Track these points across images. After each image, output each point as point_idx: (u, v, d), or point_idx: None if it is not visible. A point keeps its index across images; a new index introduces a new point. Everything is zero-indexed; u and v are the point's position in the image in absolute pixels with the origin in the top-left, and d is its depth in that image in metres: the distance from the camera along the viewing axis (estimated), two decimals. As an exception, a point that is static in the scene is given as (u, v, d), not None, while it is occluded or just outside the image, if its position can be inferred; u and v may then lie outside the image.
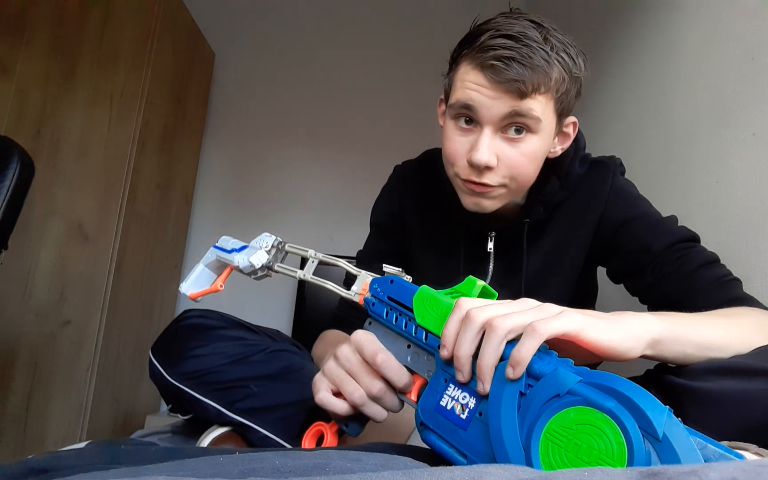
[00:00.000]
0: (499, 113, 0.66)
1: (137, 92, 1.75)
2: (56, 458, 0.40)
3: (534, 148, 0.69)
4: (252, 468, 0.35)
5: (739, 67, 0.94)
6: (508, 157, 0.68)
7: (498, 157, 0.68)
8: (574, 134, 0.77)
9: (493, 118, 0.66)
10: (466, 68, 0.68)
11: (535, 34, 0.65)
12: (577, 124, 0.76)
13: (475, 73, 0.66)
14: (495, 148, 0.67)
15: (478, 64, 0.65)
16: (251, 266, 0.66)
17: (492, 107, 0.66)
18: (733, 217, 0.91)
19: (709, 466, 0.27)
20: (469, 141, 0.69)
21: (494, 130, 0.67)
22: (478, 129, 0.68)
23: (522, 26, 0.65)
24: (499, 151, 0.68)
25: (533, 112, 0.65)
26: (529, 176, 0.72)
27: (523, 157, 0.69)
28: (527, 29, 0.65)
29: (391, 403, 0.52)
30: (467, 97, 0.67)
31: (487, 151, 0.67)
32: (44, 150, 1.67)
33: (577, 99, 0.72)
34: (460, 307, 0.45)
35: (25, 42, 1.73)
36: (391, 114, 2.41)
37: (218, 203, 2.35)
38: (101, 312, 1.63)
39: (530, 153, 0.69)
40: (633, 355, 0.46)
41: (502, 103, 0.65)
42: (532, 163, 0.70)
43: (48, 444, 1.55)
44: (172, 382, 0.71)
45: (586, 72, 0.70)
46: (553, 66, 0.65)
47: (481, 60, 0.65)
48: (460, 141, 0.70)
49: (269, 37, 2.46)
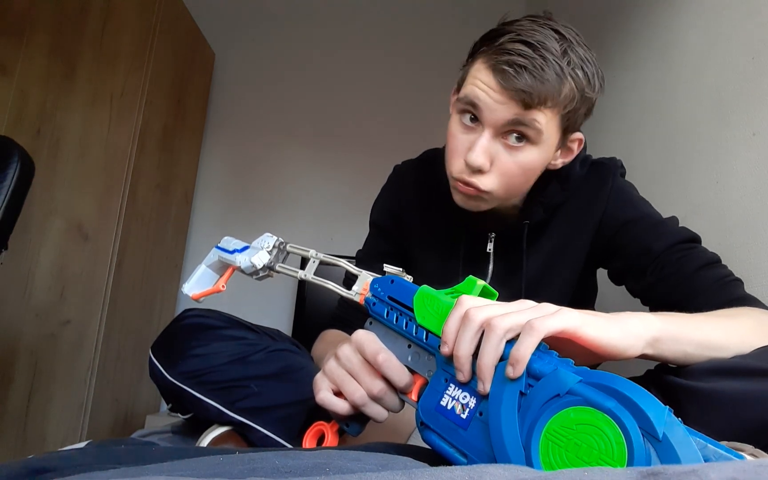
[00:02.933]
0: (501, 118, 0.66)
1: (137, 92, 1.75)
2: (56, 458, 0.40)
3: (531, 159, 0.69)
4: (252, 468, 0.35)
5: (739, 67, 0.94)
6: (502, 163, 0.68)
7: (492, 161, 0.68)
8: (578, 151, 0.76)
9: (496, 122, 0.66)
10: (479, 66, 0.68)
11: (554, 46, 0.64)
12: (582, 141, 0.75)
13: (486, 73, 0.66)
14: (491, 152, 0.68)
15: (491, 66, 0.66)
16: (253, 266, 0.66)
17: (496, 111, 0.66)
18: (733, 217, 0.91)
19: (709, 466, 0.27)
20: (469, 140, 0.69)
21: (494, 134, 0.67)
22: (480, 129, 0.68)
23: (544, 36, 0.64)
24: (495, 156, 0.68)
25: (536, 124, 0.65)
26: (519, 186, 0.72)
27: (517, 167, 0.68)
28: (548, 39, 0.64)
29: (391, 403, 0.52)
30: (474, 94, 0.67)
31: (482, 154, 0.67)
32: (44, 150, 1.67)
33: (586, 117, 0.72)
34: (461, 305, 0.45)
35: (25, 42, 1.73)
36: (392, 114, 2.41)
37: (218, 203, 2.35)
38: (101, 312, 1.63)
39: (526, 163, 0.69)
40: (632, 354, 0.46)
41: (506, 110, 0.65)
42: (524, 173, 0.70)
43: (48, 444, 1.55)
44: (172, 381, 0.71)
45: (600, 93, 0.70)
46: (565, 82, 0.65)
47: (494, 61, 0.65)
48: (461, 139, 0.70)
49: (269, 37, 2.46)
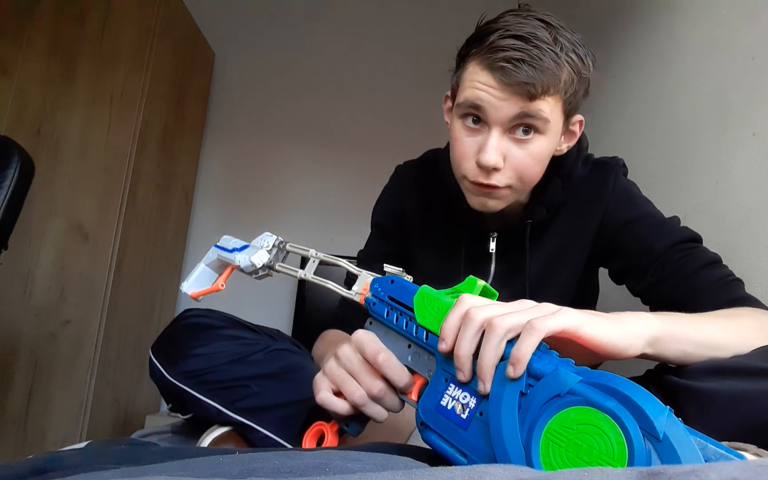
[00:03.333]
0: (507, 115, 0.66)
1: (137, 92, 1.75)
2: (56, 458, 0.40)
3: (541, 148, 0.69)
4: (252, 468, 0.35)
5: (739, 67, 0.94)
6: (515, 158, 0.68)
7: (505, 157, 0.68)
8: (580, 132, 0.77)
9: (502, 120, 0.66)
10: (474, 68, 0.68)
11: (544, 35, 0.64)
12: (583, 122, 0.76)
13: (484, 74, 0.66)
14: (502, 149, 0.68)
15: (488, 65, 0.65)
16: (252, 266, 0.66)
17: (501, 109, 0.66)
18: (733, 217, 0.91)
19: (709, 466, 0.27)
20: (476, 141, 0.69)
21: (502, 131, 0.67)
22: (486, 129, 0.68)
23: (532, 26, 0.65)
24: (507, 152, 0.68)
25: (542, 113, 0.66)
26: (534, 176, 0.72)
27: (530, 158, 0.69)
28: (537, 29, 0.64)
29: (391, 404, 0.52)
30: (476, 97, 0.67)
31: (494, 153, 0.67)
32: (44, 150, 1.67)
33: (585, 97, 0.72)
34: (461, 303, 0.45)
35: (25, 42, 1.73)
36: (392, 114, 2.41)
37: (218, 203, 2.35)
38: (101, 312, 1.63)
39: (537, 153, 0.69)
40: (632, 353, 0.46)
41: (511, 105, 0.65)
42: (538, 163, 0.70)
43: (48, 444, 1.55)
44: (172, 381, 0.70)
45: (594, 71, 0.71)
46: (563, 67, 0.65)
47: (490, 61, 0.65)
48: (468, 142, 0.70)
49: (269, 37, 2.46)
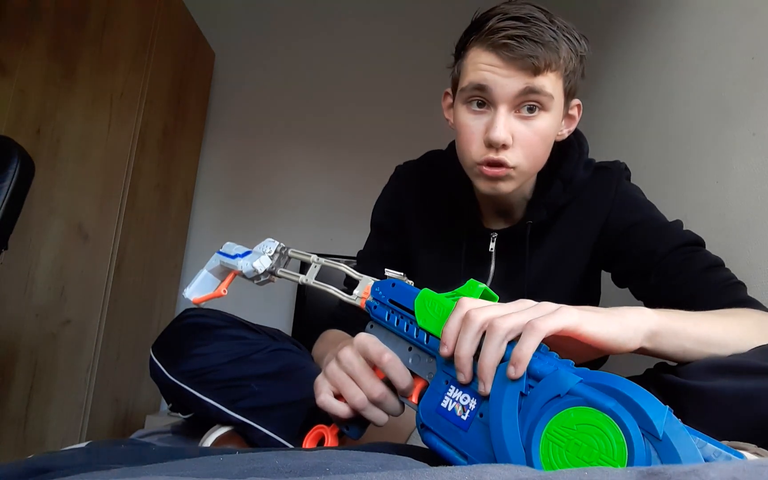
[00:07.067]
0: (513, 91, 0.67)
1: (137, 92, 1.75)
2: (56, 458, 0.40)
3: (546, 125, 0.70)
4: (252, 468, 0.35)
5: (739, 67, 0.94)
6: (522, 135, 0.69)
7: (513, 135, 0.69)
8: (579, 117, 0.78)
9: (508, 96, 0.67)
10: (476, 51, 0.69)
11: (541, 16, 0.67)
12: (581, 107, 0.78)
13: (487, 55, 0.68)
14: (510, 127, 0.68)
15: (490, 46, 0.67)
16: (254, 271, 0.66)
17: (506, 86, 0.67)
18: (733, 218, 0.91)
19: (709, 466, 0.27)
20: (483, 122, 0.70)
21: (508, 109, 0.68)
22: (492, 109, 0.69)
23: (529, 9, 0.67)
24: (514, 130, 0.69)
25: (546, 89, 0.67)
26: (540, 156, 0.73)
27: (536, 136, 0.70)
28: (534, 11, 0.67)
29: (392, 407, 0.52)
30: (480, 77, 0.68)
31: (503, 129, 0.68)
32: (44, 150, 1.67)
33: (582, 79, 0.74)
34: (461, 306, 0.45)
35: (25, 42, 1.73)
36: (393, 114, 2.41)
37: (218, 203, 2.35)
38: (101, 312, 1.64)
39: (542, 131, 0.70)
40: (631, 347, 0.47)
41: (515, 81, 0.66)
42: (543, 141, 0.71)
43: (48, 444, 1.55)
44: (172, 380, 0.71)
45: (589, 52, 0.73)
46: (562, 43, 0.67)
47: (492, 41, 0.67)
48: (475, 124, 0.71)
49: (269, 37, 2.46)
